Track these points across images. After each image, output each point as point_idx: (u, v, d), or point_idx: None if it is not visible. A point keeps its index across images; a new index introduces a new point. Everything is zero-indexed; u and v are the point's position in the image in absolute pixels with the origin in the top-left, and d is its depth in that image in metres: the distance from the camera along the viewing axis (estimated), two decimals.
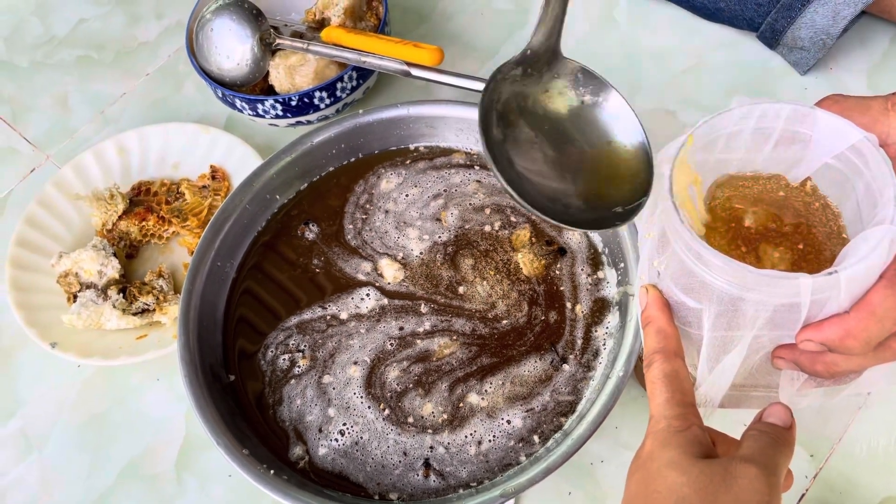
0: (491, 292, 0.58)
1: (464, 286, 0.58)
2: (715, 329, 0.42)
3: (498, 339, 0.56)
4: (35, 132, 0.78)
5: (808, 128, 0.45)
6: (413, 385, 0.54)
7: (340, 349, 0.56)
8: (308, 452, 0.53)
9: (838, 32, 0.65)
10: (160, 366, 0.63)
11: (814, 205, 0.47)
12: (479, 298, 0.57)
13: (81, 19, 0.85)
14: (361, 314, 0.58)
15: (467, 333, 0.56)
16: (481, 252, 0.59)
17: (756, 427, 0.39)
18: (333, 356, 0.56)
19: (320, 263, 0.60)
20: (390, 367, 0.55)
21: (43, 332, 0.61)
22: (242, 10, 0.67)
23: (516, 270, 0.59)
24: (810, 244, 0.46)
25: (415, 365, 0.55)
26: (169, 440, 0.61)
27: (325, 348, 0.57)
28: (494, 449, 0.52)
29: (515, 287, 0.58)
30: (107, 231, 0.67)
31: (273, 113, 0.67)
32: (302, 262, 0.61)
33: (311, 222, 0.62)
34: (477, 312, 0.57)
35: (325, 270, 0.60)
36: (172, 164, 0.71)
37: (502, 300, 0.57)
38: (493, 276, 0.58)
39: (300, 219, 0.63)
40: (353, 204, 0.63)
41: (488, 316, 0.57)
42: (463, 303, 0.57)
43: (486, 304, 0.57)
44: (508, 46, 0.77)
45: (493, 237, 0.60)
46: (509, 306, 0.57)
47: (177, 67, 0.80)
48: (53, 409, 0.63)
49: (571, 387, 0.53)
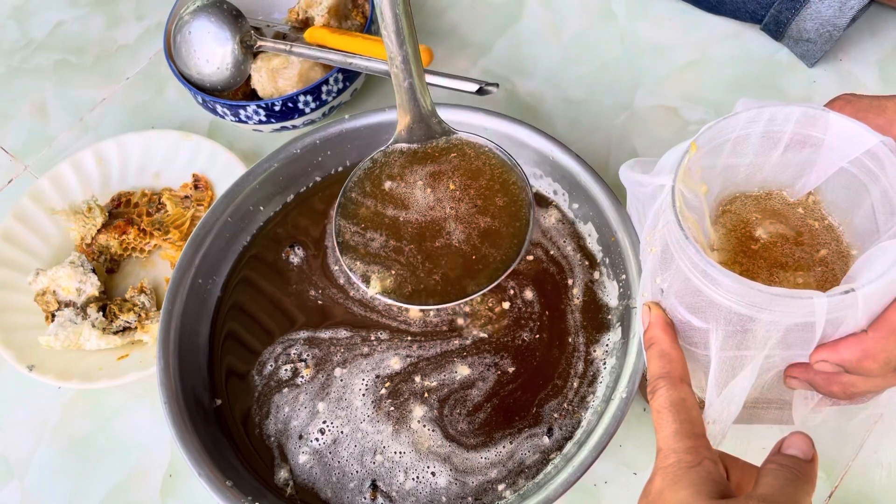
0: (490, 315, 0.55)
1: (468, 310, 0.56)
2: (723, 350, 0.39)
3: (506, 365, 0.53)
4: (13, 141, 0.76)
5: (820, 131, 0.42)
6: (414, 397, 0.52)
7: (349, 361, 0.54)
8: (292, 472, 0.51)
9: (846, 23, 0.62)
10: (144, 387, 0.60)
11: (814, 225, 0.45)
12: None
13: (59, 22, 0.82)
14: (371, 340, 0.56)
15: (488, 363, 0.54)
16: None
17: (775, 460, 0.36)
18: (342, 365, 0.54)
19: (318, 295, 0.57)
20: (399, 384, 0.53)
21: (20, 354, 0.59)
22: (221, 11, 0.64)
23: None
24: (807, 258, 0.44)
25: (427, 384, 0.53)
26: (153, 465, 0.58)
27: (331, 361, 0.54)
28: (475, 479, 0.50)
29: (508, 306, 0.55)
30: (86, 245, 0.64)
31: (256, 118, 0.64)
32: (295, 290, 0.58)
33: (297, 245, 0.59)
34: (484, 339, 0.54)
35: (323, 303, 0.57)
36: (153, 173, 0.69)
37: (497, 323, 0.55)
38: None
39: (286, 240, 0.60)
40: (331, 235, 0.60)
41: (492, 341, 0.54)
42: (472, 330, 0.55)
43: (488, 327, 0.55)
44: (503, 41, 0.74)
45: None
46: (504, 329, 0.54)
47: (158, 70, 0.77)
48: (34, 434, 0.61)
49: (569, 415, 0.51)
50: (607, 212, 0.53)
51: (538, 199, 0.59)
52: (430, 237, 0.50)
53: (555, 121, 0.69)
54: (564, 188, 0.57)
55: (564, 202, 0.58)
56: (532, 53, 0.73)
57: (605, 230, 0.54)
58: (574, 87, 0.70)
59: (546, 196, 0.59)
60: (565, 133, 0.68)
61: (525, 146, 0.58)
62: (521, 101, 0.70)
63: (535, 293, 0.55)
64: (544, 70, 0.72)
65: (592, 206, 0.55)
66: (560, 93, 0.70)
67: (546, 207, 0.59)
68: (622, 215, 0.53)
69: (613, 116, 0.68)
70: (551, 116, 0.69)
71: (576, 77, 0.71)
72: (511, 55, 0.73)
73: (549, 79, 0.71)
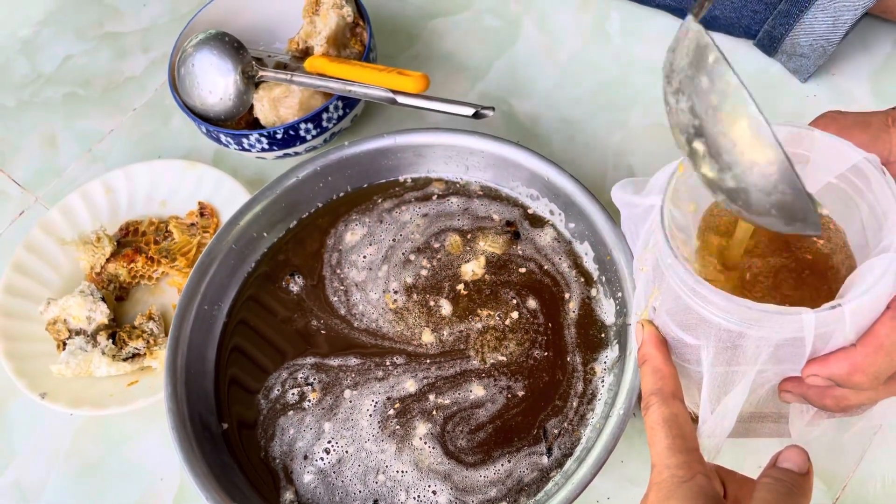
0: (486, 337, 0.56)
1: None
2: (715, 366, 0.40)
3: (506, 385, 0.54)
4: (24, 174, 0.77)
5: (806, 149, 0.43)
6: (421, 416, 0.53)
7: (361, 384, 0.55)
8: (297, 493, 0.52)
9: (839, 38, 0.63)
10: (153, 412, 0.61)
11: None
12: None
13: (68, 56, 0.84)
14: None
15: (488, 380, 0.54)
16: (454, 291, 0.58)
17: (770, 474, 0.36)
18: (353, 387, 0.55)
19: (320, 325, 0.58)
20: (411, 403, 0.54)
21: (32, 383, 0.60)
22: (223, 43, 0.65)
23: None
24: (814, 270, 0.44)
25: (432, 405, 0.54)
26: (163, 489, 0.59)
27: (340, 385, 0.55)
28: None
29: (511, 325, 0.56)
30: (95, 274, 0.66)
31: (259, 147, 0.65)
32: (297, 318, 0.59)
33: (297, 274, 0.60)
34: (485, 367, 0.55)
35: (327, 332, 0.58)
36: (160, 201, 0.70)
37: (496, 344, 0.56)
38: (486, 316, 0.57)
39: (288, 267, 0.61)
40: (328, 265, 0.61)
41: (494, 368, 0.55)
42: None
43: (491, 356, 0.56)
44: (500, 63, 0.75)
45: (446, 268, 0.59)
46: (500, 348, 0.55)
47: (164, 101, 0.79)
48: (47, 460, 0.62)
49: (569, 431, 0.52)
50: (602, 231, 0.54)
51: (534, 220, 0.60)
52: None
53: (552, 141, 0.70)
54: (560, 208, 0.58)
55: (560, 222, 0.59)
56: (528, 75, 0.74)
57: (600, 249, 0.55)
58: (570, 108, 0.72)
59: (542, 217, 0.60)
60: (562, 153, 0.69)
61: (521, 168, 0.59)
62: (519, 123, 0.71)
63: (538, 303, 0.56)
64: (541, 91, 0.73)
65: (588, 225, 0.56)
66: (556, 113, 0.71)
67: (542, 227, 0.60)
68: (617, 234, 0.53)
69: (609, 135, 0.69)
70: (548, 137, 0.70)
71: (572, 97, 0.72)
72: (508, 77, 0.74)
73: (546, 100, 0.72)
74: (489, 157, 0.60)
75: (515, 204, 0.61)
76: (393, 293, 0.58)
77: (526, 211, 0.60)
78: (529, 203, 0.61)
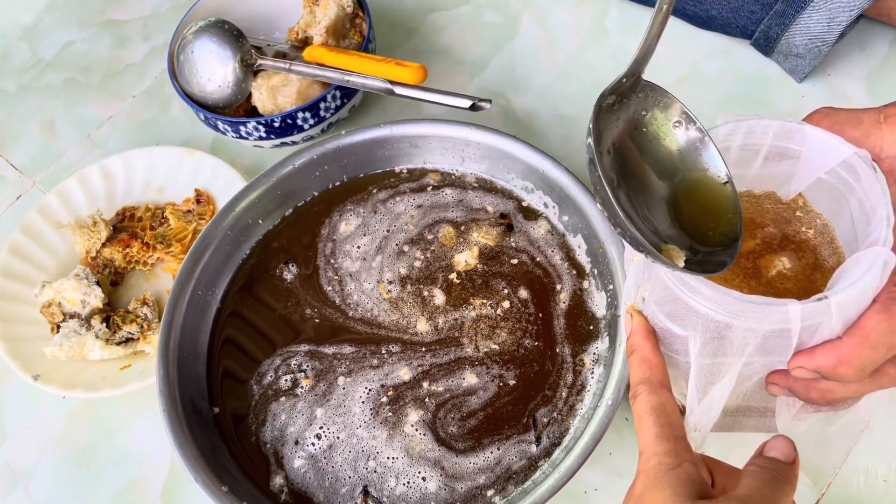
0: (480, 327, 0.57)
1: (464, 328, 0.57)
2: (702, 356, 0.40)
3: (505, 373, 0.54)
4: (22, 158, 0.78)
5: (797, 143, 0.43)
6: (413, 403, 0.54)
7: (355, 371, 0.55)
8: (287, 478, 0.52)
9: (834, 39, 0.63)
10: (145, 396, 0.62)
11: (810, 223, 0.46)
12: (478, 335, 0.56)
13: (68, 42, 0.85)
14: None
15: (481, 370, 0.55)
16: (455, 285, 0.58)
17: (756, 462, 0.37)
18: (347, 375, 0.55)
19: (314, 314, 0.58)
20: (405, 391, 0.54)
21: (25, 365, 0.60)
22: (223, 31, 0.66)
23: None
24: (803, 264, 0.44)
25: (425, 394, 0.54)
26: (154, 473, 0.59)
27: (334, 372, 0.56)
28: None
29: (502, 315, 0.56)
30: (91, 258, 0.66)
31: (256, 135, 0.66)
32: (291, 306, 0.59)
33: (291, 262, 0.60)
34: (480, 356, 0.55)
35: (321, 321, 0.58)
36: (157, 188, 0.70)
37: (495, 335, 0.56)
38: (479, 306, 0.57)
39: (283, 254, 0.61)
40: (322, 255, 0.61)
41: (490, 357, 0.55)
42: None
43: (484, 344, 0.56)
44: (498, 58, 0.75)
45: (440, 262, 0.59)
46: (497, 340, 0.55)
47: (163, 89, 0.79)
48: (39, 442, 0.62)
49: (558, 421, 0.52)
50: (595, 224, 0.55)
51: (528, 213, 0.60)
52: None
53: (549, 136, 0.70)
54: (554, 201, 0.59)
55: (554, 215, 0.59)
56: (526, 71, 0.74)
57: (593, 241, 0.56)
58: (568, 104, 0.72)
59: (536, 209, 0.60)
60: (558, 148, 0.69)
61: (516, 160, 0.59)
62: (516, 118, 0.72)
63: (529, 293, 0.57)
64: (538, 87, 0.73)
65: (581, 218, 0.56)
66: (554, 109, 0.72)
67: (536, 220, 0.60)
68: (609, 227, 0.54)
69: None
70: (545, 132, 0.71)
71: (569, 94, 0.73)
72: (506, 72, 0.74)
73: (544, 95, 0.73)
74: (485, 148, 0.60)
75: (510, 196, 0.61)
76: (387, 283, 0.58)
77: (520, 203, 0.61)
78: (524, 196, 0.61)
